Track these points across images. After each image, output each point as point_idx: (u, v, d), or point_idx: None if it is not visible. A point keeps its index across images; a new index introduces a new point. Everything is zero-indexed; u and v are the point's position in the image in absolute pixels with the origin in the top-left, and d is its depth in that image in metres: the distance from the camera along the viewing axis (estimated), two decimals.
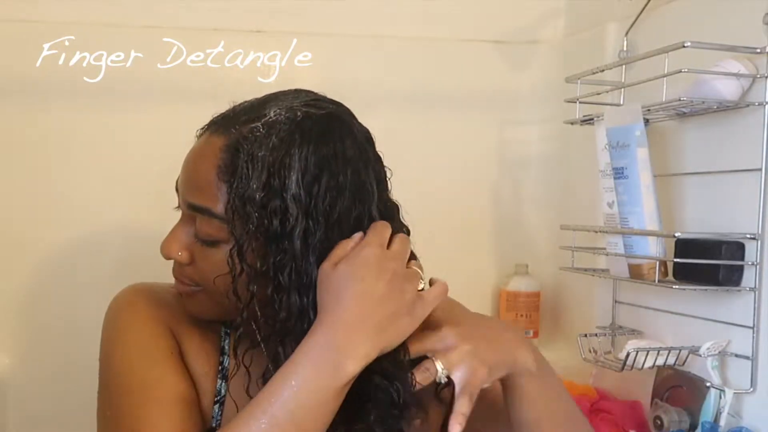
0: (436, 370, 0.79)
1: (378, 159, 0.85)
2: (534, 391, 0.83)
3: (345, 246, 0.77)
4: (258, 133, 0.78)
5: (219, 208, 0.78)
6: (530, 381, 0.83)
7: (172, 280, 0.90)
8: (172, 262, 0.85)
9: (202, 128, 0.85)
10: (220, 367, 0.86)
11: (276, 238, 0.76)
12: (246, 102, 0.85)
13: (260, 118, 0.80)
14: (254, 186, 0.76)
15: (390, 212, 0.85)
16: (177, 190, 0.86)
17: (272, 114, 0.80)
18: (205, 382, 0.85)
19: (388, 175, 0.86)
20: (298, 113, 0.80)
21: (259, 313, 0.78)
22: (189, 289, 0.84)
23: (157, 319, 0.85)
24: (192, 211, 0.81)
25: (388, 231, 0.80)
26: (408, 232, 0.88)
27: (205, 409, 0.85)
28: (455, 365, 0.79)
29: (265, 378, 0.76)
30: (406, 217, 0.89)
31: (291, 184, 0.76)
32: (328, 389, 0.72)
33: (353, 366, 0.72)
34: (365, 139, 0.84)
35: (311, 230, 0.76)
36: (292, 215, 0.76)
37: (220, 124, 0.82)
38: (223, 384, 0.86)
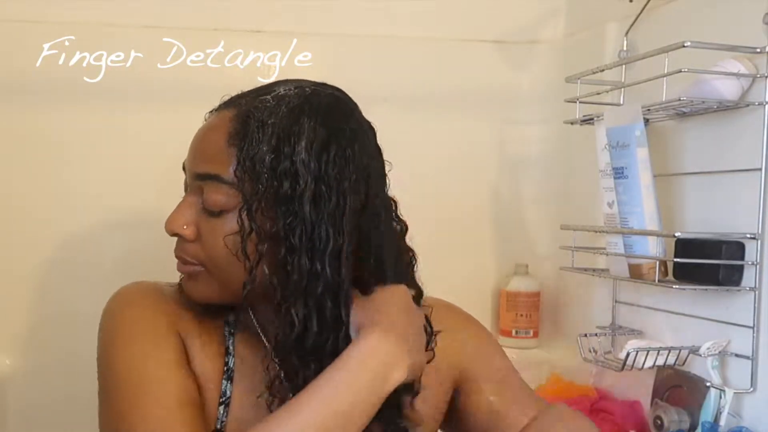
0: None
1: (379, 151, 0.87)
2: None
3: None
4: (268, 104, 0.81)
5: (228, 173, 0.80)
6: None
7: (173, 279, 0.90)
8: (173, 259, 0.85)
9: (210, 111, 0.87)
10: (225, 368, 0.86)
11: (286, 201, 0.78)
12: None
13: (269, 92, 0.83)
14: (264, 149, 0.78)
15: (389, 204, 0.87)
16: (184, 169, 0.86)
17: (281, 90, 0.83)
18: (210, 383, 0.84)
19: (387, 168, 0.87)
20: (307, 89, 0.83)
21: (272, 276, 0.79)
22: (192, 269, 0.84)
23: (161, 319, 0.84)
24: (200, 180, 0.82)
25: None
26: (405, 228, 0.89)
27: (210, 410, 0.84)
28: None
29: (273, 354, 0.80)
30: (406, 216, 0.89)
31: (300, 150, 0.78)
32: (377, 395, 0.76)
33: (400, 374, 0.77)
34: (368, 126, 0.86)
35: (323, 195, 0.78)
36: (302, 179, 0.78)
37: (229, 102, 0.85)
38: (229, 385, 0.85)
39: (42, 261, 1.39)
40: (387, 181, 0.87)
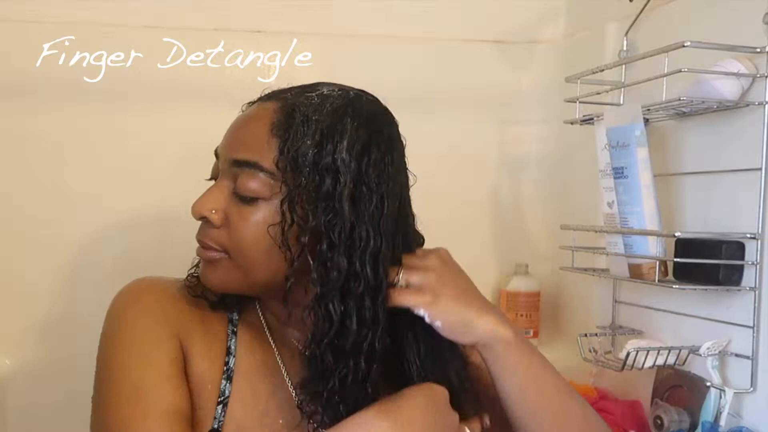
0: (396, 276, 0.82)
1: (406, 164, 0.88)
2: (514, 359, 0.83)
3: None
4: (313, 101, 0.82)
5: (267, 162, 0.80)
6: (508, 349, 0.83)
7: (176, 275, 0.90)
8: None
9: (250, 102, 0.88)
10: (225, 368, 0.86)
11: (326, 197, 0.79)
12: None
13: (314, 91, 0.84)
14: (308, 143, 0.79)
15: (411, 217, 0.89)
16: (216, 155, 0.87)
17: (325, 90, 0.84)
18: (209, 383, 0.85)
19: (412, 181, 0.89)
20: (351, 93, 0.85)
21: (313, 266, 0.79)
22: (214, 255, 0.83)
23: (162, 321, 0.84)
24: (236, 167, 0.82)
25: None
26: (423, 242, 0.90)
27: (208, 410, 0.84)
28: (412, 281, 0.82)
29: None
30: None
31: (342, 150, 0.79)
32: None
33: None
34: (401, 138, 0.88)
35: (363, 196, 0.80)
36: (343, 177, 0.79)
37: (271, 95, 0.86)
38: (228, 384, 0.85)
39: (42, 261, 1.38)
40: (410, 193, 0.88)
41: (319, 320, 0.80)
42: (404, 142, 0.88)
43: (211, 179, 0.87)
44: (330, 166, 0.79)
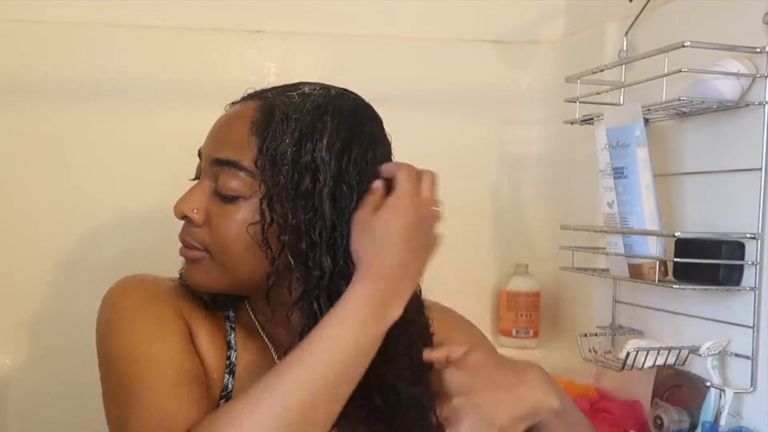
0: None
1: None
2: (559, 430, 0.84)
3: (377, 193, 0.80)
4: (293, 100, 0.83)
5: (247, 161, 0.81)
6: (556, 421, 0.83)
7: (170, 275, 0.90)
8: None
9: (232, 102, 0.88)
10: (228, 362, 0.86)
11: (305, 196, 0.79)
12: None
13: (295, 90, 0.84)
14: (287, 141, 0.80)
15: None
16: (199, 155, 0.87)
17: (306, 89, 0.85)
18: (214, 373, 0.85)
19: None
20: (332, 91, 0.85)
21: (294, 265, 0.80)
22: (196, 254, 0.84)
23: (165, 303, 0.84)
24: (217, 166, 0.82)
25: (415, 172, 0.83)
26: None
27: (212, 399, 0.84)
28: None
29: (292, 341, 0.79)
30: None
31: (321, 149, 0.80)
32: (373, 338, 0.76)
33: (398, 310, 0.77)
34: (386, 136, 0.88)
35: (343, 195, 0.79)
36: (322, 175, 0.79)
37: (253, 95, 0.86)
38: (231, 379, 0.86)
39: (42, 261, 1.39)
40: None
41: (305, 319, 0.80)
42: (390, 139, 0.88)
43: (195, 179, 0.87)
44: (309, 164, 0.79)
